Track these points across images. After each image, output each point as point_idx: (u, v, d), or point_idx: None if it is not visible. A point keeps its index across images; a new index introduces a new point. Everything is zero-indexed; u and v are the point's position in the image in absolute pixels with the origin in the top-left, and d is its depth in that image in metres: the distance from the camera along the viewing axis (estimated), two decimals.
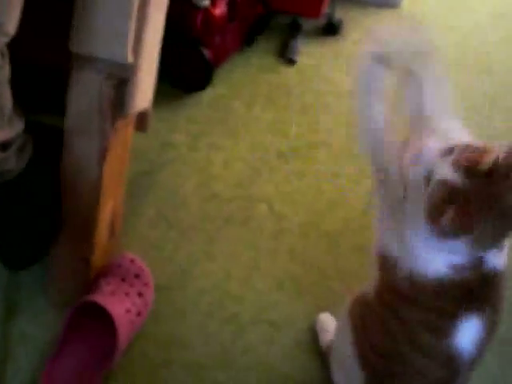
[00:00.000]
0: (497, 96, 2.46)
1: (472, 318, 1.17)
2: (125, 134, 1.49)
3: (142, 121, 1.72)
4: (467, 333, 1.17)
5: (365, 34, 2.62)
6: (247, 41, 2.45)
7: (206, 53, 2.16)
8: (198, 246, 1.80)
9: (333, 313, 1.60)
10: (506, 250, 1.19)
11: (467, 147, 1.07)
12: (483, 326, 1.18)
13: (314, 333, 1.61)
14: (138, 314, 1.49)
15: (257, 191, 1.98)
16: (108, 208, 1.50)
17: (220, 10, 2.14)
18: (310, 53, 2.51)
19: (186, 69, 2.19)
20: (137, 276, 1.55)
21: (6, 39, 1.14)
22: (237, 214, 1.90)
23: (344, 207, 1.97)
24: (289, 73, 2.42)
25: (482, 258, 1.13)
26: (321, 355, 1.54)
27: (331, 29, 2.56)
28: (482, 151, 1.05)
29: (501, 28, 2.83)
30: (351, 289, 1.42)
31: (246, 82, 2.35)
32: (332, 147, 2.16)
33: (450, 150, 1.08)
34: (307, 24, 2.56)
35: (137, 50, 1.32)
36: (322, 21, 2.54)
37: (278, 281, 1.74)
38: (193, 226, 1.85)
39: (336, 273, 1.76)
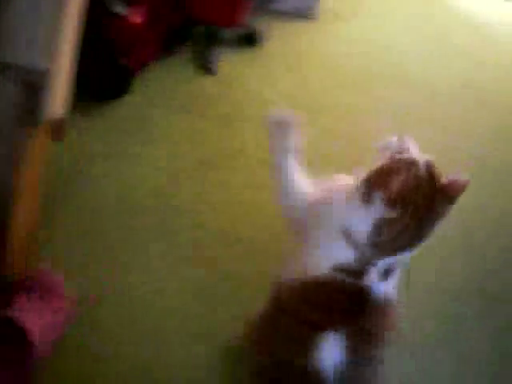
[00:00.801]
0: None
1: (337, 334, 1.20)
2: (39, 143, 1.45)
3: (57, 130, 1.67)
4: (329, 348, 1.19)
5: (284, 45, 2.67)
6: (166, 50, 2.43)
7: (123, 61, 2.13)
8: (116, 257, 1.77)
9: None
10: (394, 281, 1.25)
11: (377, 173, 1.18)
12: (348, 346, 1.20)
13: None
14: (54, 326, 1.45)
15: (177, 201, 1.97)
16: (22, 217, 1.45)
17: (138, 19, 2.11)
18: (229, 62, 2.52)
19: (103, 77, 2.15)
20: (51, 289, 1.51)
21: None
22: (157, 225, 1.89)
23: (261, 215, 1.98)
24: (207, 82, 2.42)
25: (365, 269, 1.18)
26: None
27: (251, 39, 2.58)
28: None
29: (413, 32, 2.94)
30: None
31: (164, 91, 2.33)
32: (250, 156, 2.17)
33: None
34: (227, 34, 2.57)
35: (50, 57, 1.29)
36: (241, 31, 2.55)
37: (196, 290, 1.75)
38: (111, 237, 1.82)
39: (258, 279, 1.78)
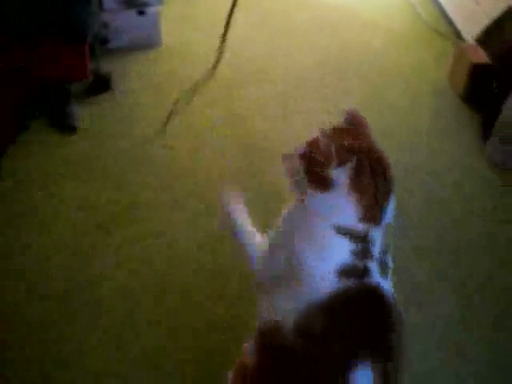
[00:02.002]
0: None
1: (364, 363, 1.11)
2: None
3: None
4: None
5: (138, 78, 2.56)
6: (21, 127, 2.25)
7: None
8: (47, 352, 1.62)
9: None
10: (390, 282, 1.21)
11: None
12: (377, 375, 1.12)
13: None
14: None
15: (93, 271, 1.83)
16: None
17: None
18: (90, 114, 2.38)
19: None
20: None
21: None
22: (80, 306, 1.73)
23: (188, 257, 1.90)
24: (75, 141, 2.27)
25: (366, 267, 1.14)
26: None
27: (102, 84, 2.45)
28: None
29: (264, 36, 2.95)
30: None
31: (33, 166, 2.16)
32: (151, 201, 2.07)
33: None
34: (75, 87, 2.42)
35: None
36: (91, 79, 2.41)
37: (152, 358, 1.63)
38: (35, 336, 1.66)
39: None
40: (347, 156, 1.13)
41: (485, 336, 1.77)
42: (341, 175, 1.13)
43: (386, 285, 1.17)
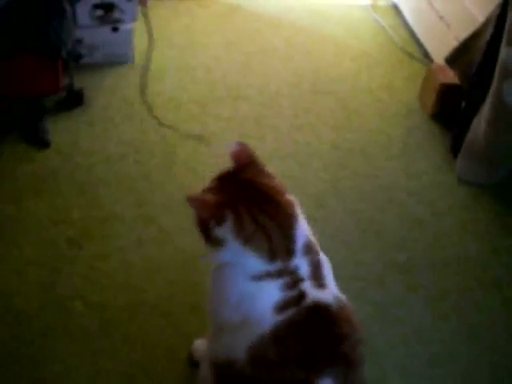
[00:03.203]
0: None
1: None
2: None
3: None
4: None
5: (110, 94, 2.55)
6: None
7: None
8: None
9: None
10: (333, 289, 1.24)
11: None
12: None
13: None
14: None
15: (64, 291, 1.79)
16: None
17: None
18: (62, 129, 2.36)
19: None
20: None
21: None
22: (54, 324, 1.70)
23: (162, 271, 1.88)
24: (47, 156, 2.24)
25: (300, 291, 1.17)
26: None
27: (75, 99, 2.43)
28: None
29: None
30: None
31: (4, 180, 2.12)
32: (123, 217, 2.05)
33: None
34: (48, 101, 2.40)
35: None
36: (62, 94, 2.40)
37: (128, 374, 1.60)
38: (8, 354, 1.61)
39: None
40: (220, 213, 1.14)
41: (459, 350, 1.78)
42: (225, 232, 1.15)
43: (325, 296, 1.19)
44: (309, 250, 1.21)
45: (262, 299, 1.17)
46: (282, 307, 1.16)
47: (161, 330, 1.71)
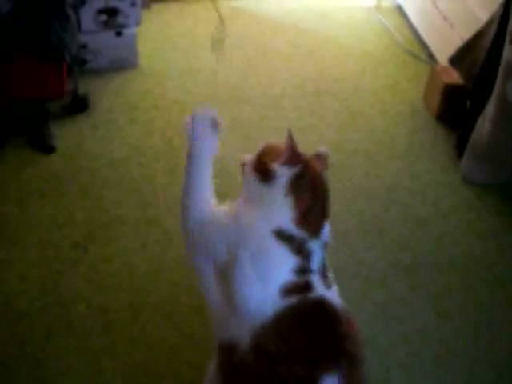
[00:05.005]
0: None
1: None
2: None
3: None
4: None
5: (115, 98, 2.56)
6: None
7: None
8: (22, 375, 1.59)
9: None
10: (335, 291, 1.23)
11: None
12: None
13: None
14: None
15: (67, 293, 1.81)
16: None
17: None
18: (66, 132, 2.37)
19: None
20: None
21: None
22: (57, 325, 1.71)
23: (165, 273, 1.88)
24: (52, 160, 2.26)
25: (307, 282, 1.16)
26: None
27: (80, 104, 2.45)
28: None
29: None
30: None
31: (9, 184, 2.14)
32: (127, 219, 2.05)
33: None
34: (54, 106, 2.42)
35: None
36: (67, 99, 2.41)
37: (129, 374, 1.61)
38: (11, 354, 1.62)
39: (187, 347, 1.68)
40: (295, 160, 1.18)
41: (463, 348, 1.77)
42: (283, 174, 1.17)
43: (331, 295, 1.19)
44: (324, 246, 1.23)
45: (275, 266, 1.16)
46: (288, 290, 1.15)
47: (163, 331, 1.72)
